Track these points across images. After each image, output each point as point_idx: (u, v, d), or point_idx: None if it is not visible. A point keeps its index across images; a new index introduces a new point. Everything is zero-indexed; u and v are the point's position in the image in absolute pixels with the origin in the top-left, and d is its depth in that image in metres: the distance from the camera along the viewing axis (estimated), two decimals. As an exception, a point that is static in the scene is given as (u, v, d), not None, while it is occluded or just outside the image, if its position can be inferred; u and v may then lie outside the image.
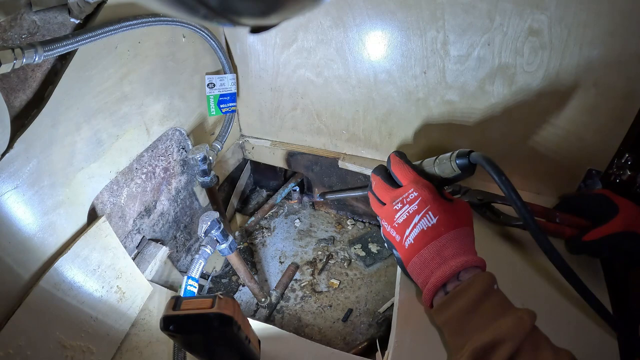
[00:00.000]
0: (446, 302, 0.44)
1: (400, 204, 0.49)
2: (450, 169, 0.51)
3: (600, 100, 0.59)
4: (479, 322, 0.41)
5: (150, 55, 0.63)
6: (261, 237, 1.01)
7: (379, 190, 0.54)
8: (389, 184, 0.53)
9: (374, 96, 0.75)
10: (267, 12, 0.21)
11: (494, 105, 0.66)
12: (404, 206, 0.49)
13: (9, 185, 0.45)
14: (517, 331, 0.38)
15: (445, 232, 0.46)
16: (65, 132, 0.51)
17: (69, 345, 0.51)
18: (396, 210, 0.49)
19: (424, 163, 0.55)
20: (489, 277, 0.44)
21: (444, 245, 0.46)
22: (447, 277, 0.44)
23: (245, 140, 0.97)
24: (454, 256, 0.45)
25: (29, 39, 0.45)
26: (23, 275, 0.47)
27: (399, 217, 0.49)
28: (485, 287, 0.43)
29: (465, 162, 0.49)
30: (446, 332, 0.45)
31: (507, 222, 0.65)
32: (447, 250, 0.46)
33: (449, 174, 0.51)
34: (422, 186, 0.49)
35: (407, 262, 0.49)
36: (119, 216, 0.64)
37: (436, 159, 0.53)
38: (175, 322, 0.40)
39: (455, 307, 0.43)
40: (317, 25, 0.71)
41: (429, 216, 0.47)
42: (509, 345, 0.37)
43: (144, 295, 0.64)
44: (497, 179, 0.45)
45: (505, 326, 0.39)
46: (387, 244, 0.53)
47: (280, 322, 0.82)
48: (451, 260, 0.45)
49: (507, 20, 0.58)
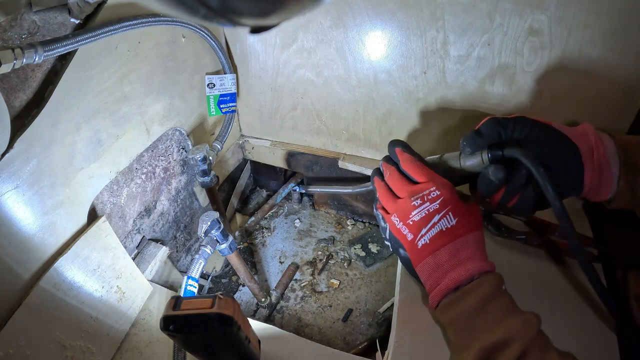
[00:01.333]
0: (453, 301, 0.44)
1: (420, 200, 0.46)
2: (479, 163, 0.48)
3: (600, 100, 0.59)
4: (487, 322, 0.41)
5: (150, 55, 0.63)
6: (261, 237, 1.01)
7: (395, 181, 0.50)
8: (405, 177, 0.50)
9: (374, 96, 0.75)
10: (267, 12, 0.21)
11: (494, 105, 0.66)
12: (424, 203, 0.46)
13: (9, 185, 0.45)
14: (526, 332, 0.38)
15: (463, 234, 0.45)
16: (65, 132, 0.51)
17: (69, 345, 0.51)
18: (414, 207, 0.46)
19: (446, 157, 0.51)
20: (498, 278, 0.44)
21: (460, 248, 0.45)
22: (462, 280, 0.43)
23: (245, 140, 0.98)
24: (470, 259, 0.44)
25: (29, 39, 0.45)
26: (23, 275, 0.47)
27: (416, 214, 0.46)
28: (493, 287, 0.42)
29: (499, 154, 0.46)
30: (451, 331, 0.44)
31: (510, 236, 0.63)
32: (462, 253, 0.45)
33: (477, 168, 0.48)
34: (443, 185, 0.47)
35: (417, 262, 0.47)
36: (119, 216, 0.64)
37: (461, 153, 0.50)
38: (175, 322, 0.40)
39: (462, 306, 0.43)
40: (317, 25, 0.71)
41: (449, 217, 0.45)
42: (517, 345, 0.37)
43: (144, 295, 0.64)
44: (535, 173, 0.43)
45: (513, 326, 0.39)
46: (392, 241, 0.50)
47: (280, 322, 0.82)
48: (467, 263, 0.44)
49: (507, 20, 0.58)
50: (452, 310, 0.44)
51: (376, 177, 0.54)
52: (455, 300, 0.43)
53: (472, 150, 0.48)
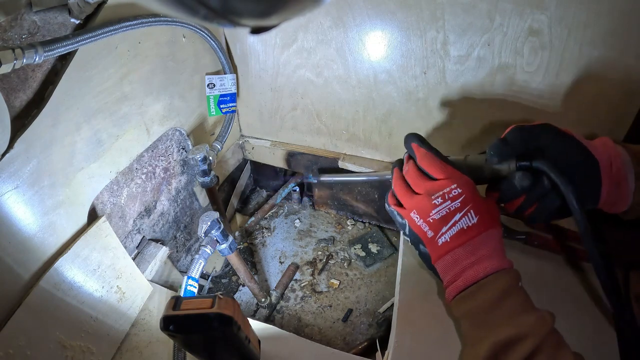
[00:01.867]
0: (468, 295, 0.44)
1: (441, 199, 0.46)
2: (506, 169, 0.49)
3: (600, 100, 0.59)
4: (501, 317, 0.41)
5: (150, 55, 0.63)
6: (261, 237, 1.01)
7: (414, 178, 0.49)
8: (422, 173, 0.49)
9: (374, 96, 0.75)
10: (267, 13, 0.21)
11: (493, 105, 0.66)
12: (445, 202, 0.46)
13: (9, 185, 0.45)
14: (539, 328, 0.39)
15: (483, 231, 0.45)
16: (65, 132, 0.51)
17: (69, 345, 0.51)
18: (434, 205, 0.46)
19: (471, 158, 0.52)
20: (514, 275, 0.44)
21: (479, 245, 0.45)
22: (479, 278, 0.44)
23: (245, 141, 0.98)
24: (488, 257, 0.45)
25: (29, 39, 0.45)
26: (23, 275, 0.47)
27: (437, 212, 0.46)
28: (509, 283, 0.43)
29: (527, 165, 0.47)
30: (465, 323, 0.45)
31: (510, 236, 0.63)
32: (481, 251, 0.45)
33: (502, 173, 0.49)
34: (464, 182, 0.46)
35: (436, 259, 0.47)
36: (119, 216, 0.64)
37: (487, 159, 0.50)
38: (175, 322, 0.40)
39: (478, 300, 0.43)
40: (317, 26, 0.71)
41: (470, 215, 0.45)
42: (531, 341, 0.38)
43: (144, 295, 0.64)
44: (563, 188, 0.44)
45: (527, 322, 0.39)
46: (412, 237, 0.49)
47: (280, 322, 0.82)
48: (485, 261, 0.44)
49: (507, 20, 0.58)
50: (467, 303, 0.44)
51: (396, 169, 0.53)
52: (471, 294, 0.44)
53: (499, 159, 0.49)
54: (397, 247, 0.94)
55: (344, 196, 1.00)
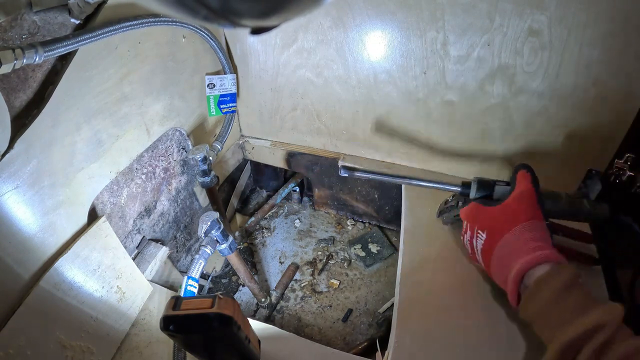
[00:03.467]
0: (529, 297, 0.44)
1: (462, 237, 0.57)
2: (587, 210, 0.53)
3: (600, 100, 0.59)
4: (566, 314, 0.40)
5: (151, 56, 0.63)
6: (261, 237, 1.01)
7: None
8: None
9: (374, 96, 0.75)
10: (267, 13, 0.21)
11: (493, 105, 0.67)
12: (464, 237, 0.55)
13: (9, 186, 0.45)
14: (612, 318, 0.38)
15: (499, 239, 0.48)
16: (65, 132, 0.51)
17: (69, 345, 0.51)
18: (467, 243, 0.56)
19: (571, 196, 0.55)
20: (571, 270, 0.43)
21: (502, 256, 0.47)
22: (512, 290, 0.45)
23: (245, 141, 0.98)
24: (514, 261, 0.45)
25: (30, 39, 0.45)
26: (23, 275, 0.47)
27: (467, 248, 0.56)
28: (569, 278, 0.42)
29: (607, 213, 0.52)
30: (535, 328, 0.44)
31: None
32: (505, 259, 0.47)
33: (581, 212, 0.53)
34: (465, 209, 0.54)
35: (488, 274, 0.52)
36: (119, 216, 0.64)
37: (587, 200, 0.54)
38: (175, 322, 0.40)
39: (539, 299, 0.42)
40: (317, 26, 0.71)
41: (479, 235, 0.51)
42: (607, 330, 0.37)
43: (144, 296, 0.64)
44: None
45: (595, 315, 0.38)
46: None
47: (280, 322, 0.82)
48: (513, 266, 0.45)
49: (507, 20, 0.58)
50: (529, 305, 0.44)
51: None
52: (531, 295, 0.43)
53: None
54: (397, 247, 0.94)
55: (344, 196, 1.00)
